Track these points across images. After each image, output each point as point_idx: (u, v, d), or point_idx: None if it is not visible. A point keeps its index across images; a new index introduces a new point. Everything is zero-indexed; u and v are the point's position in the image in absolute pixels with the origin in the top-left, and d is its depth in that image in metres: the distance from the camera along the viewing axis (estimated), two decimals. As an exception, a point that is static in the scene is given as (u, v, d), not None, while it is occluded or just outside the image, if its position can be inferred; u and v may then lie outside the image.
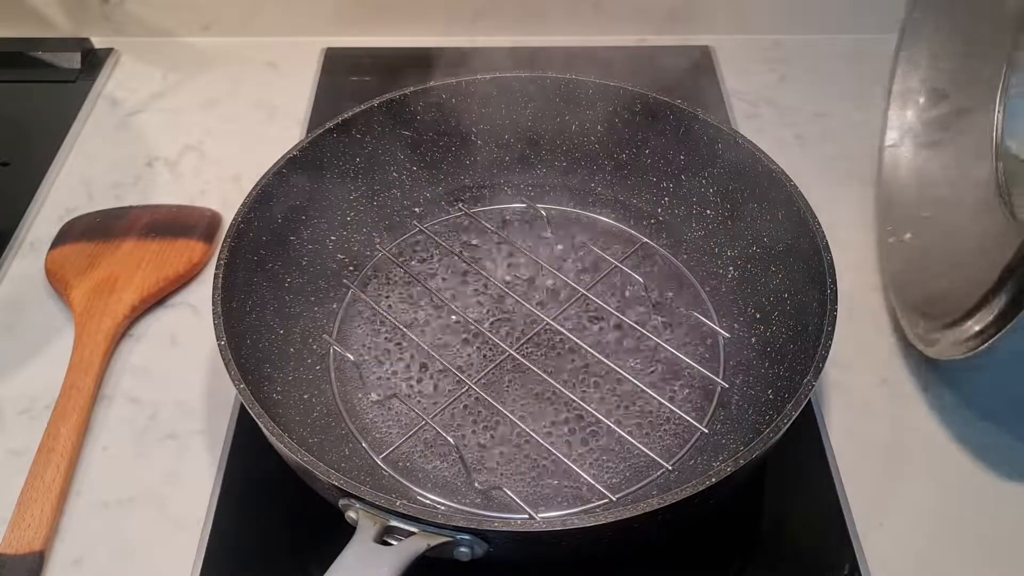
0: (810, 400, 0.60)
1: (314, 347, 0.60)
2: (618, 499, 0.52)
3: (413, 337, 0.60)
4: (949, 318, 0.55)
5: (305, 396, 0.57)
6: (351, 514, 0.45)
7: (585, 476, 0.52)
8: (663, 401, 0.56)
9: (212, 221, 0.72)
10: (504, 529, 0.44)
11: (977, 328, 0.53)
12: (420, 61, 0.88)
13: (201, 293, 0.68)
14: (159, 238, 0.69)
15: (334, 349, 0.60)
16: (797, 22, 0.90)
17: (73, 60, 0.87)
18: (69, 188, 0.77)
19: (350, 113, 0.64)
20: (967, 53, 0.66)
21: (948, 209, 0.65)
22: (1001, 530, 0.55)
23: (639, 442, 0.54)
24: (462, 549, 0.44)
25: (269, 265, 0.60)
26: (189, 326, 0.66)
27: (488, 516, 0.51)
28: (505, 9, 0.89)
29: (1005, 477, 0.57)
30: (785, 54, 0.90)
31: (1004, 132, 0.63)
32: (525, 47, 0.89)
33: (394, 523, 0.44)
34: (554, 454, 0.53)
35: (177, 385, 0.62)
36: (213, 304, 0.52)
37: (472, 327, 0.61)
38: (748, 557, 0.55)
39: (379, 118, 0.65)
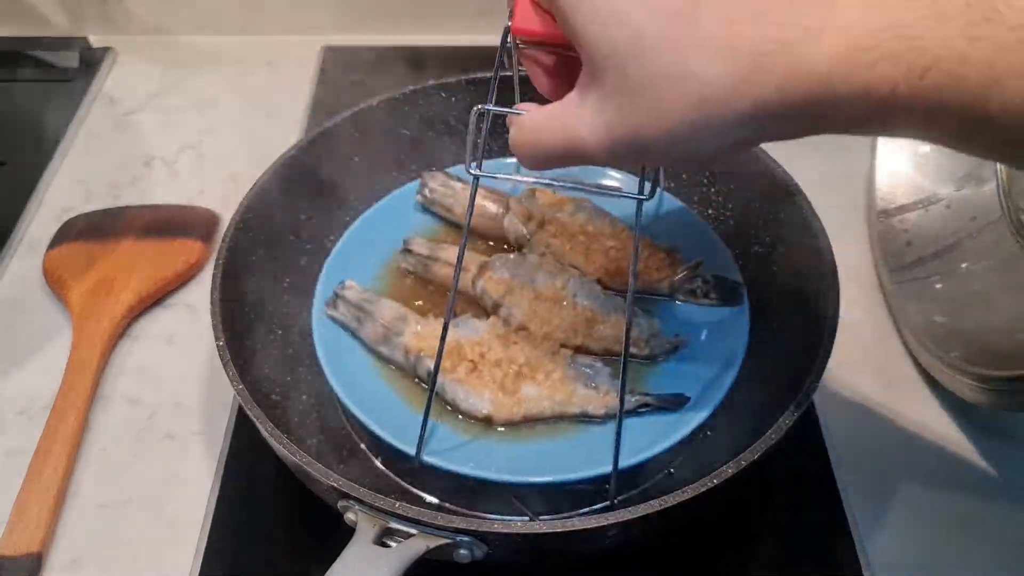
0: (811, 400, 0.60)
1: (312, 349, 0.60)
2: (619, 500, 0.52)
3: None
4: (988, 372, 0.54)
5: (303, 397, 0.56)
6: (350, 516, 0.45)
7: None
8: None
9: (210, 221, 0.72)
10: (504, 531, 0.44)
11: None
12: (420, 59, 0.88)
13: (199, 293, 0.68)
14: (157, 238, 0.69)
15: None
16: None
17: (71, 59, 0.87)
18: (67, 188, 0.76)
19: (347, 113, 0.64)
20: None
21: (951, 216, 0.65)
22: (1001, 530, 0.55)
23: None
24: (462, 551, 0.44)
25: (267, 266, 0.60)
26: (187, 327, 0.66)
27: (488, 518, 0.50)
28: (505, 9, 0.88)
29: (1006, 477, 0.57)
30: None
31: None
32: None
33: (393, 524, 0.44)
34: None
35: (175, 386, 0.62)
36: (211, 305, 0.52)
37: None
38: (748, 557, 0.54)
39: (377, 118, 0.65)
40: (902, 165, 0.69)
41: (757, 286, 0.61)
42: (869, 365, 0.63)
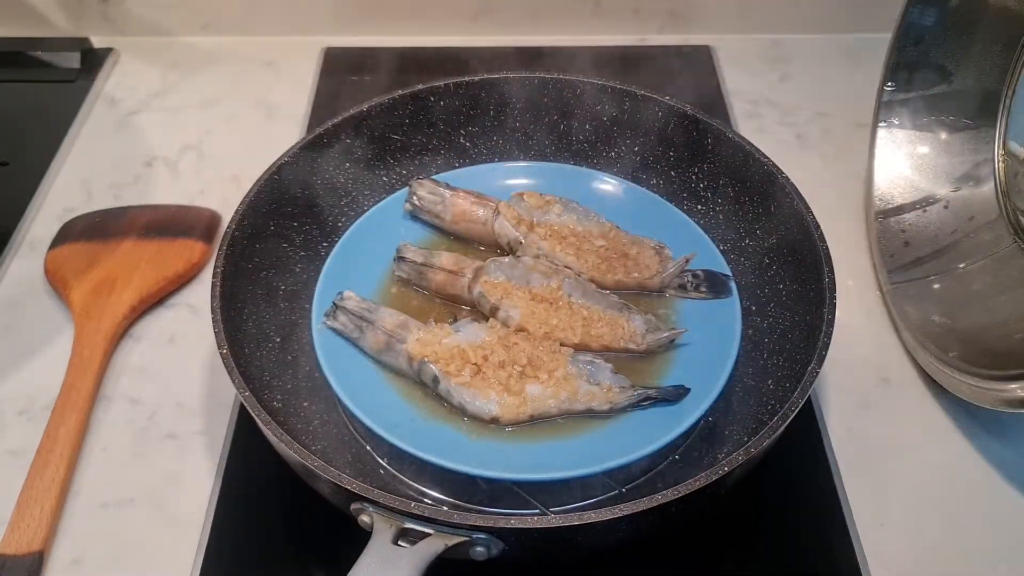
0: (810, 399, 0.60)
1: (312, 354, 0.60)
2: (627, 490, 0.52)
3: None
4: (986, 372, 0.55)
5: (305, 404, 0.57)
6: (364, 518, 0.45)
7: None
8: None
9: (211, 221, 0.72)
10: (520, 527, 0.44)
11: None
12: (420, 60, 0.89)
13: (200, 293, 0.68)
14: (158, 238, 0.69)
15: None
16: (797, 21, 0.90)
17: (72, 60, 0.88)
18: (68, 188, 0.77)
19: (339, 119, 0.64)
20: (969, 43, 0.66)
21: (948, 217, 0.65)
22: (1000, 529, 0.55)
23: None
24: (478, 549, 0.44)
25: (263, 273, 0.60)
26: (188, 327, 0.66)
27: (504, 514, 0.50)
28: (505, 9, 0.89)
29: (1006, 477, 0.57)
30: (785, 53, 0.90)
31: (1008, 132, 0.63)
32: (525, 47, 0.89)
33: (409, 525, 0.44)
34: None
35: (176, 386, 0.62)
36: (212, 312, 0.52)
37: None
38: (749, 557, 0.55)
39: (368, 123, 0.65)
40: (900, 166, 0.69)
41: (748, 280, 0.61)
42: (868, 365, 0.63)
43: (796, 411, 0.48)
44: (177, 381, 0.62)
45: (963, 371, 0.56)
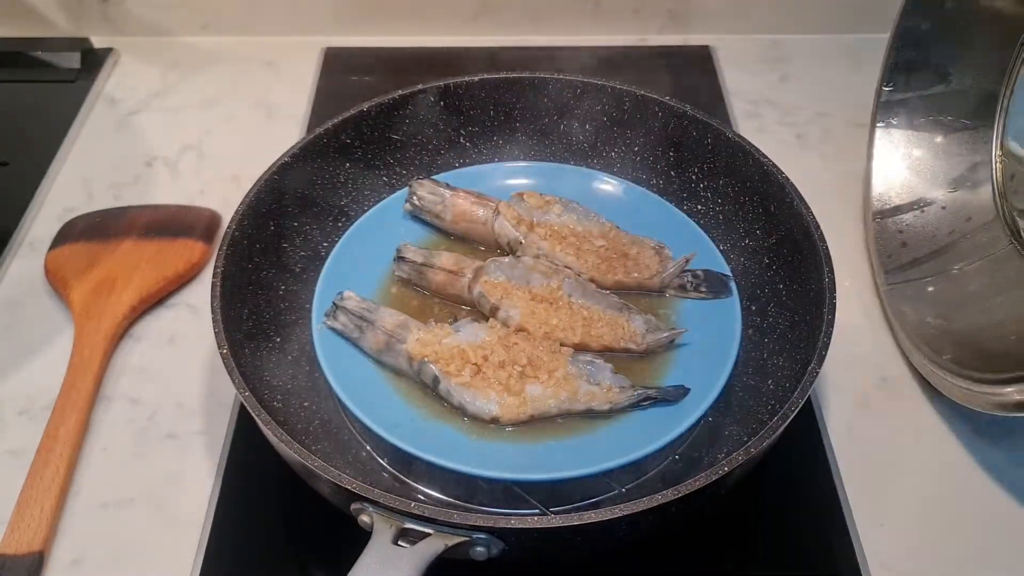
0: (810, 399, 0.60)
1: (312, 354, 0.60)
2: (627, 490, 0.52)
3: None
4: (980, 375, 0.55)
5: (305, 404, 0.57)
6: (364, 518, 0.45)
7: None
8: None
9: (211, 221, 0.72)
10: (520, 527, 0.44)
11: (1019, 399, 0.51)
12: (420, 60, 0.89)
13: (200, 293, 0.68)
14: (158, 238, 0.69)
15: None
16: (797, 21, 0.90)
17: (72, 60, 0.88)
18: (68, 188, 0.77)
19: (339, 119, 0.64)
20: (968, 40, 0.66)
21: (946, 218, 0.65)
22: (1001, 530, 0.55)
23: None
24: (478, 549, 0.45)
25: (263, 273, 0.60)
26: (188, 327, 0.66)
27: (504, 514, 0.50)
28: (505, 9, 0.89)
29: (1005, 477, 0.57)
30: (785, 54, 0.90)
31: (1006, 133, 0.63)
32: (525, 47, 0.89)
33: (409, 525, 0.44)
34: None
35: (176, 385, 0.62)
36: (212, 312, 0.52)
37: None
38: (749, 557, 0.55)
39: (368, 123, 0.65)
40: (898, 166, 0.69)
41: (748, 280, 0.61)
42: (868, 365, 0.63)
43: (796, 411, 0.48)
44: (177, 381, 0.62)
45: (956, 374, 0.56)
